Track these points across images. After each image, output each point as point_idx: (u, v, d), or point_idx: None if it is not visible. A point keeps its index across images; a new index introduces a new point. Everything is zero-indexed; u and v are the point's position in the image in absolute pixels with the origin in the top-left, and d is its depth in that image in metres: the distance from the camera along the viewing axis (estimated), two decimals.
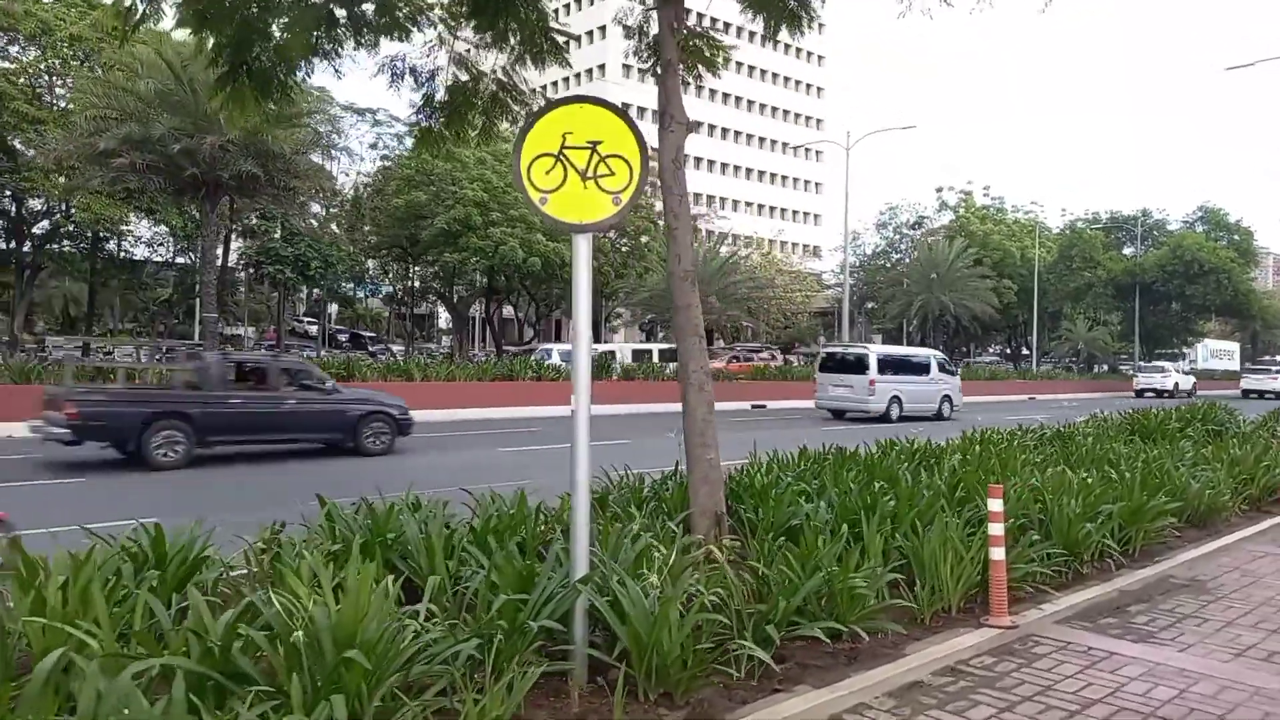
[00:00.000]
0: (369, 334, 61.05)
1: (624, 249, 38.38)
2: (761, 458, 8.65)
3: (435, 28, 8.91)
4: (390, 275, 40.77)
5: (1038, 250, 54.50)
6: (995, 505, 5.36)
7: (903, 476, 7.89)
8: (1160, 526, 7.62)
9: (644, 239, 37.40)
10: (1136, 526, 7.34)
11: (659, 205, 43.21)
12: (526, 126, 4.22)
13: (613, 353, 30.42)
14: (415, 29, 8.46)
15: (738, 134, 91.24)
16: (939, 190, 70.33)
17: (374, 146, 36.85)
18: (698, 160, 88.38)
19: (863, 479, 7.70)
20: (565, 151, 4.16)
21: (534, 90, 9.92)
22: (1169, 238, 55.83)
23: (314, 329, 75.82)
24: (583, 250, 4.24)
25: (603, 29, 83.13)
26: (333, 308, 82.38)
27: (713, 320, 30.59)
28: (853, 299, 69.27)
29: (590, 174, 4.18)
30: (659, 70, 7.41)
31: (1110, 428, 15.13)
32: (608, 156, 4.17)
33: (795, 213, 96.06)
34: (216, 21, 7.45)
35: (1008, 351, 72.67)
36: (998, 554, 5.31)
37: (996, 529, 5.33)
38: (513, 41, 8.61)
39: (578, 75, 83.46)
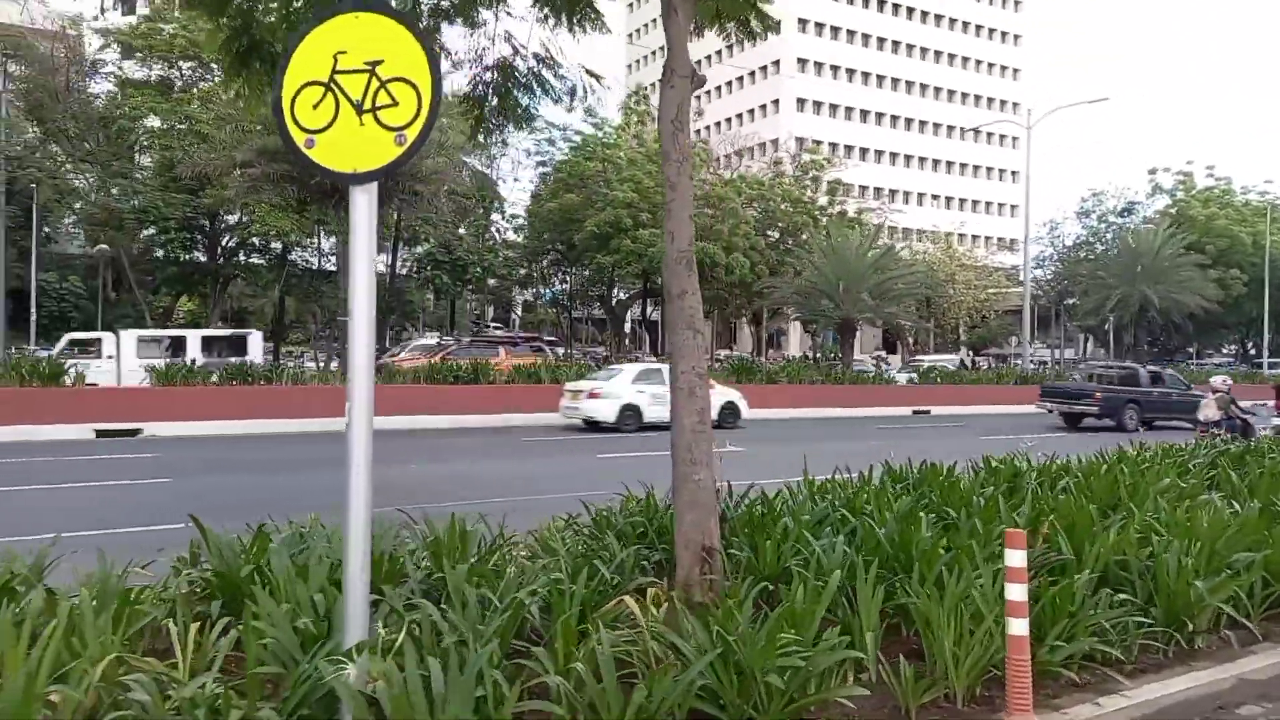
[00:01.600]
0: (550, 339, 62.77)
1: (781, 246, 36.74)
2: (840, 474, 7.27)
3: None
4: (553, 279, 41.31)
5: (1269, 235, 47.34)
6: (1015, 558, 3.83)
7: (975, 505, 6.31)
8: None
9: (804, 235, 35.58)
10: None
11: (822, 199, 41.25)
12: (291, 46, 3.26)
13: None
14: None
15: (922, 123, 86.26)
16: (1152, 172, 62.75)
17: (529, 153, 37.47)
18: (878, 154, 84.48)
19: (910, 506, 6.17)
20: (337, 77, 3.17)
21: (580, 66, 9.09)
22: None
23: (499, 333, 79.28)
24: (362, 208, 3.21)
25: None
26: (517, 312, 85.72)
27: (867, 319, 28.43)
28: (1051, 295, 63.56)
29: (368, 105, 3.16)
30: (664, 12, 6.32)
31: None
32: (389, 81, 3.13)
33: (987, 204, 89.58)
34: (215, 3, 7.11)
35: (1242, 352, 63.96)
36: (1018, 628, 3.77)
37: (1016, 592, 3.79)
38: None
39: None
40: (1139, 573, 5.15)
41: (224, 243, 33.25)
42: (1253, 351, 60.89)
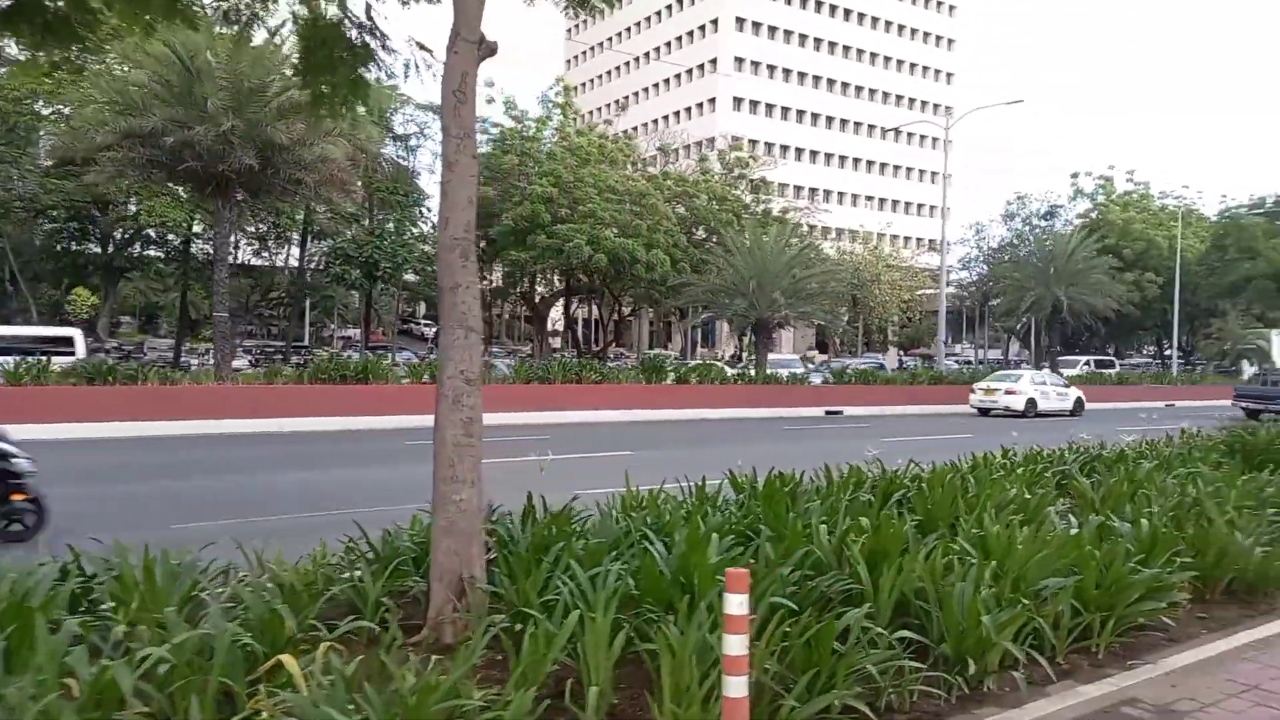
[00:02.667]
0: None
1: (707, 245, 36.22)
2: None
3: None
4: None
5: (1179, 240, 48.61)
6: (734, 604, 3.24)
7: (792, 523, 5.79)
8: (1153, 609, 5.16)
9: (729, 233, 35.17)
10: (1104, 614, 4.95)
11: (747, 197, 41.00)
12: None
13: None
14: None
15: (857, 124, 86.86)
16: (1074, 176, 64.20)
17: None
18: (813, 154, 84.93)
19: (720, 525, 5.62)
20: None
21: (411, 39, 8.30)
22: None
23: (430, 330, 77.64)
24: None
25: None
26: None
27: (782, 317, 28.15)
28: (976, 296, 64.54)
29: None
30: None
31: (1204, 447, 12.12)
32: None
33: (919, 206, 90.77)
34: None
35: (1158, 352, 65.81)
36: (735, 688, 3.20)
37: (734, 645, 3.21)
38: None
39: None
40: (940, 604, 4.67)
41: (117, 235, 31.57)
42: (1168, 352, 62.66)
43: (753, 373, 27.38)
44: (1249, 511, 7.18)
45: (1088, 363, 43.57)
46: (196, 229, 31.69)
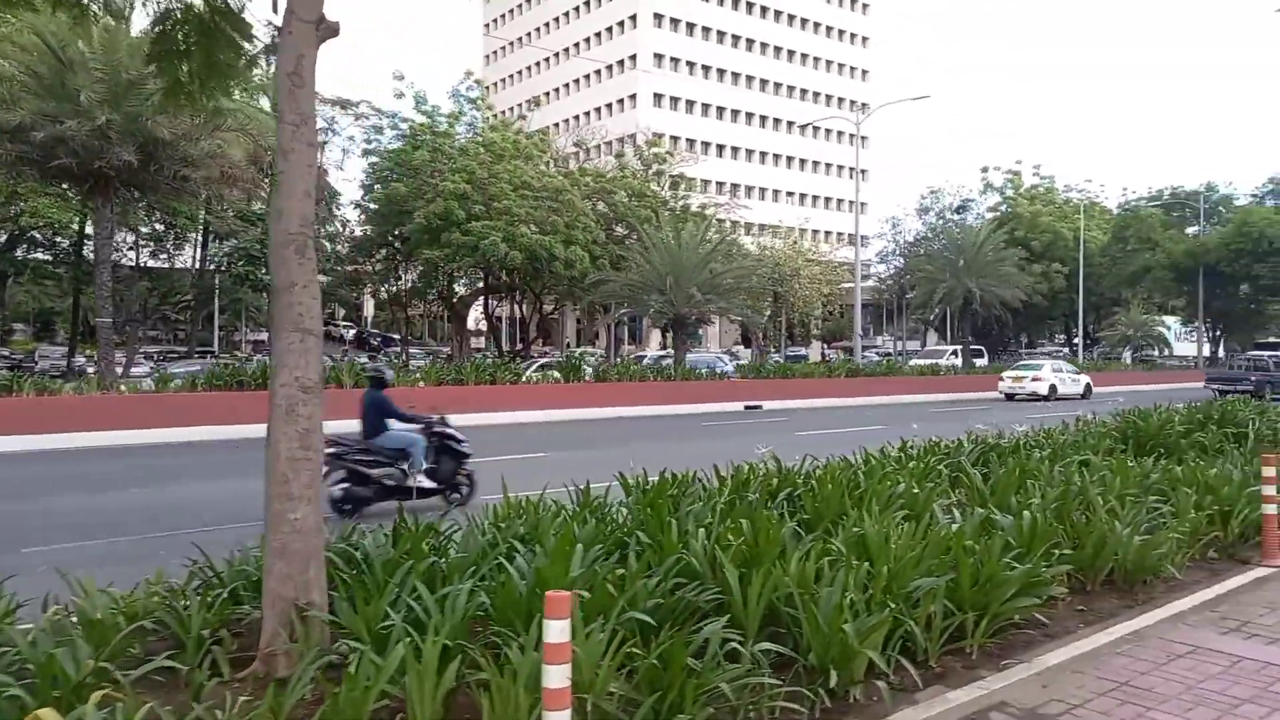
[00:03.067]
0: (396, 336, 60.09)
1: (627, 241, 35.89)
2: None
3: None
4: (390, 276, 39.18)
5: (1083, 231, 50.40)
6: (554, 630, 2.93)
7: (671, 530, 5.52)
8: (1027, 606, 5.06)
9: (648, 228, 34.91)
10: (978, 613, 4.81)
11: (665, 193, 40.89)
12: None
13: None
14: None
15: (776, 121, 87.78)
16: (984, 170, 66.03)
17: (351, 139, 35.33)
18: (734, 150, 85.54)
19: (593, 535, 5.33)
20: None
21: (269, 23, 7.73)
22: (1236, 213, 50.97)
23: (351, 332, 75.62)
24: None
25: None
26: (369, 310, 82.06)
27: (700, 313, 28.08)
28: (894, 289, 65.89)
29: None
30: None
31: (1098, 434, 12.34)
32: None
33: (838, 201, 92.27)
34: None
35: (1067, 341, 68.12)
36: None
37: (554, 677, 2.91)
38: None
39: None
40: (806, 611, 4.46)
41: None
42: (1077, 341, 64.84)
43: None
44: (1132, 500, 7.22)
45: (954, 353, 45.13)
46: (90, 230, 30.03)
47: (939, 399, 33.24)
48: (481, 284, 39.60)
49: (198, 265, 30.87)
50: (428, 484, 9.35)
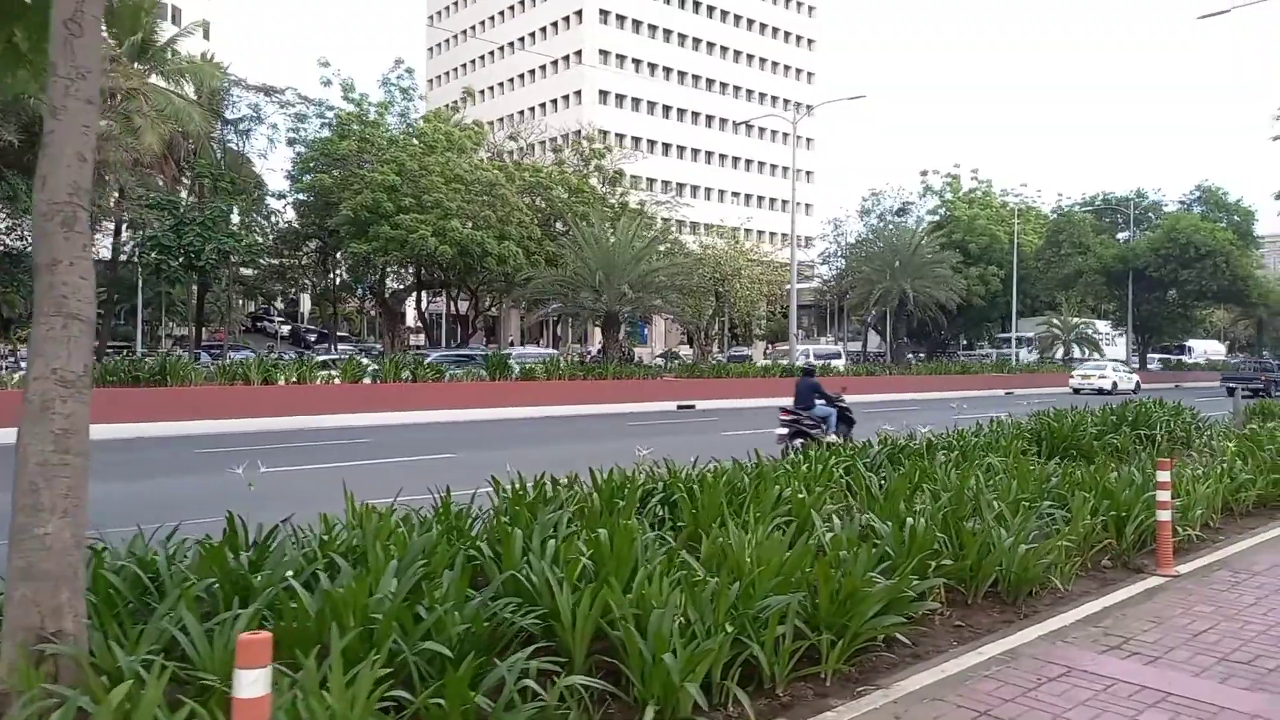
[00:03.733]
0: (325, 332, 58.64)
1: (563, 237, 35.18)
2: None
3: None
4: (320, 269, 37.97)
5: (1017, 235, 51.16)
6: (246, 683, 2.39)
7: (517, 543, 4.99)
8: (892, 624, 4.64)
9: (581, 223, 34.31)
10: (834, 633, 4.37)
11: (603, 189, 40.35)
12: None
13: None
14: None
15: (722, 121, 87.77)
16: (923, 174, 66.76)
17: (275, 128, 34.10)
18: (680, 150, 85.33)
19: (430, 545, 4.77)
20: None
21: None
22: (1164, 219, 52.26)
23: (286, 328, 73.60)
24: None
25: None
26: (305, 305, 79.95)
27: (630, 311, 27.60)
28: (835, 290, 66.27)
29: None
30: None
31: (1010, 436, 12.11)
32: None
33: (783, 201, 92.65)
34: None
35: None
36: None
37: None
38: None
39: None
40: (639, 636, 3.96)
41: None
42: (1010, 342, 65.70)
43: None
44: (1027, 505, 6.89)
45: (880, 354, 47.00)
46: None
47: (874, 399, 33.28)
48: (414, 279, 38.63)
49: (110, 257, 29.48)
50: (835, 439, 12.10)
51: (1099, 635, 5.07)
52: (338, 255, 35.00)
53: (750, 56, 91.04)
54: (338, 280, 37.51)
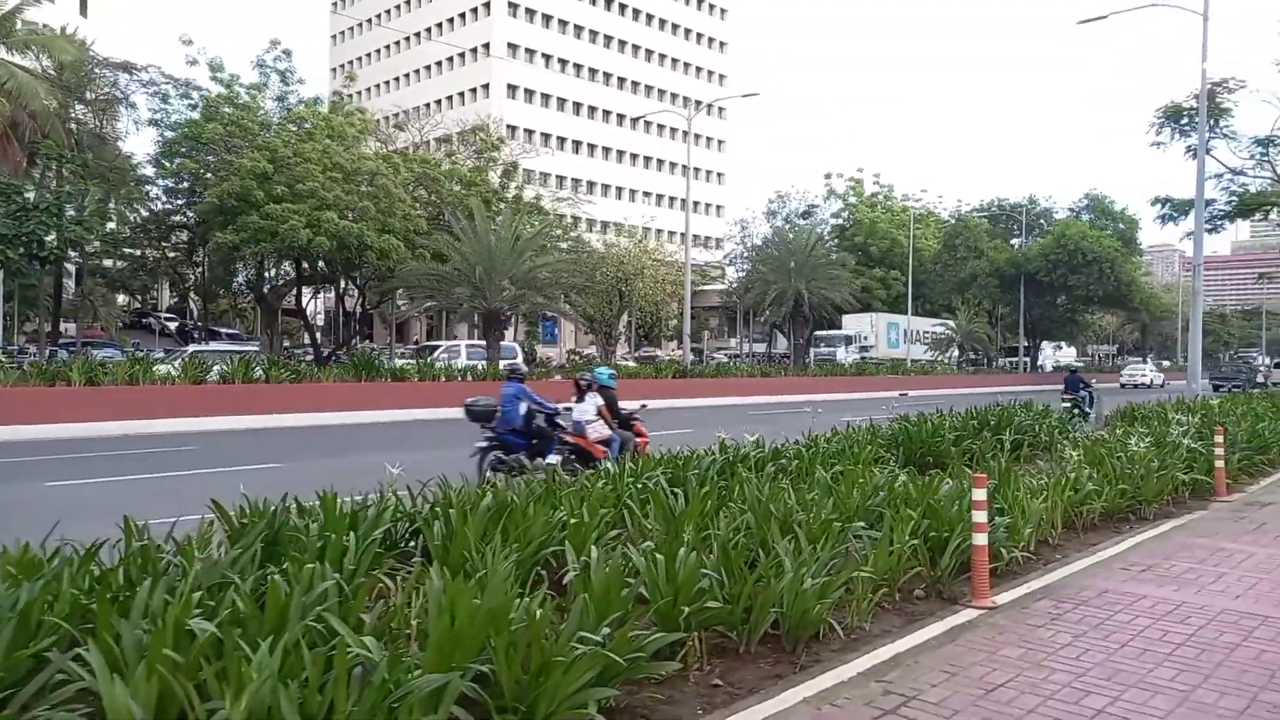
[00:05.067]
0: (226, 331, 55.65)
1: (448, 228, 33.34)
2: None
3: None
4: (177, 261, 35.44)
5: (911, 237, 51.85)
6: None
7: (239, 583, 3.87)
8: (601, 695, 3.68)
9: (459, 215, 32.62)
10: (522, 715, 3.39)
11: (496, 182, 38.94)
12: None
13: None
14: None
15: (634, 120, 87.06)
16: (827, 177, 67.29)
17: (131, 106, 31.58)
18: (591, 147, 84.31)
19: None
20: None
21: None
22: (1055, 226, 53.72)
23: (174, 325, 69.59)
24: None
25: None
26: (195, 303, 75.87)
27: (511, 309, 26.35)
28: (741, 292, 66.22)
29: None
30: None
31: (862, 442, 11.41)
32: None
33: (695, 203, 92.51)
34: None
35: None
36: None
37: None
38: None
39: None
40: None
41: None
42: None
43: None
44: (838, 527, 6.06)
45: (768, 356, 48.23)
46: None
47: (773, 401, 32.88)
48: (294, 274, 36.57)
49: None
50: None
51: (876, 695, 4.22)
52: (204, 247, 32.68)
53: (663, 56, 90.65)
54: (205, 274, 35.10)
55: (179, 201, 31.92)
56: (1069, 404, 18.60)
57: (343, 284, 41.15)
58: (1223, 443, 10.34)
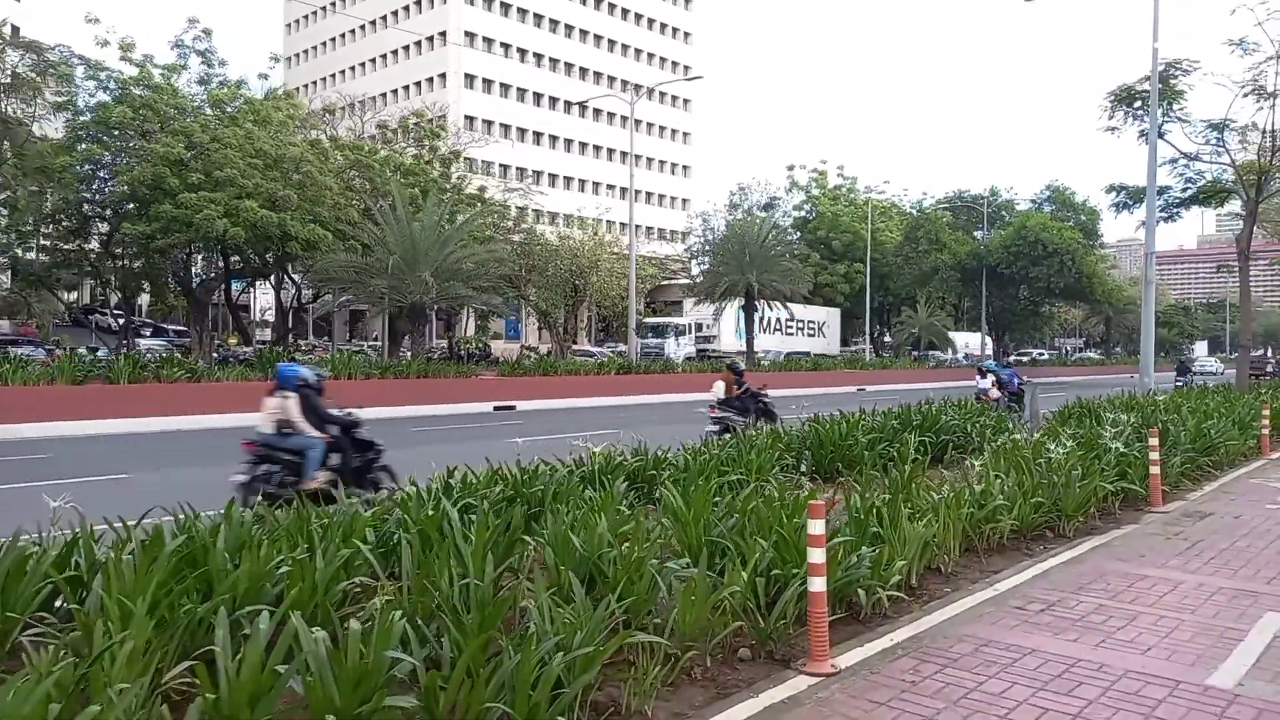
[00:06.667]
0: (177, 328, 53.74)
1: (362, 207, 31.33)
2: None
3: None
4: (93, 254, 33.51)
5: (870, 229, 50.86)
6: None
7: None
8: None
9: (383, 203, 30.78)
10: None
11: (435, 172, 37.30)
12: None
13: None
14: None
15: (596, 112, 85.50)
16: (789, 169, 66.25)
17: (61, 94, 29.56)
18: (552, 139, 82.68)
19: None
20: None
21: None
22: (1015, 218, 52.96)
23: (119, 322, 67.16)
24: None
25: None
26: (144, 299, 73.43)
27: (428, 301, 24.79)
28: (704, 287, 64.94)
29: None
30: None
31: (764, 447, 10.17)
32: None
33: (660, 196, 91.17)
34: None
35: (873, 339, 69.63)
36: None
37: None
38: None
39: None
40: None
41: None
42: (887, 340, 65.67)
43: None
44: (655, 566, 4.77)
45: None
46: None
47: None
48: (223, 267, 34.83)
49: None
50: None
51: None
52: (123, 239, 30.82)
53: (625, 47, 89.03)
54: (123, 267, 33.19)
55: (88, 190, 30.04)
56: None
57: (280, 278, 39.47)
58: (1158, 445, 9.17)
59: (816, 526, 4.47)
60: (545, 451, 8.48)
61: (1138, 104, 22.86)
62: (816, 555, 4.47)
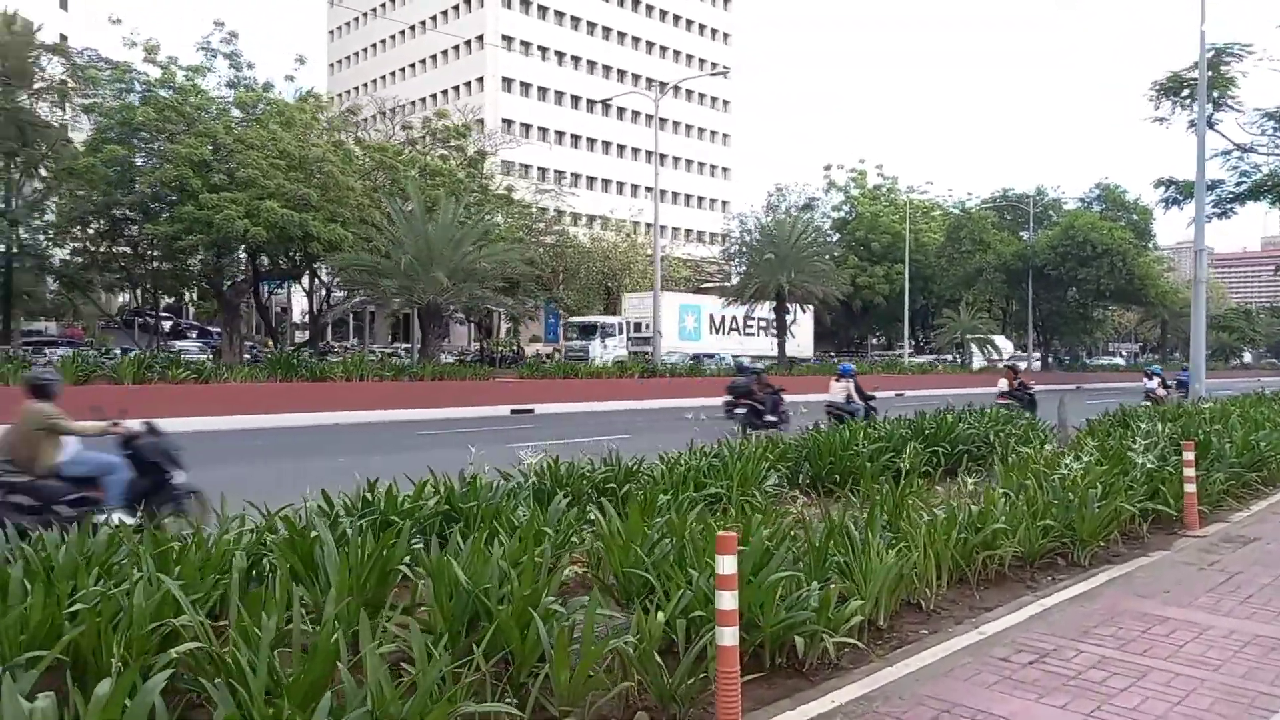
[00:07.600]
0: (217, 329, 54.35)
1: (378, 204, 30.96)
2: None
3: None
4: (124, 256, 33.72)
5: (908, 230, 49.35)
6: None
7: None
8: None
9: (396, 201, 30.33)
10: None
11: (461, 173, 36.91)
12: None
13: None
14: None
15: (635, 114, 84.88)
16: (827, 169, 64.84)
17: (61, 95, 29.73)
18: (590, 141, 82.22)
19: None
20: None
21: None
22: (1063, 217, 50.98)
23: (169, 324, 68.25)
24: None
25: None
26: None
27: (443, 302, 24.24)
28: (737, 289, 63.86)
29: None
30: None
31: (755, 457, 9.30)
32: None
33: (699, 199, 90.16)
34: None
35: (915, 342, 67.89)
36: None
37: None
38: None
39: None
40: None
41: None
42: (925, 343, 64.00)
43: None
44: (552, 606, 3.97)
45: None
46: None
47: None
48: (250, 269, 34.81)
49: None
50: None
51: None
52: (150, 239, 30.92)
53: (664, 49, 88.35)
54: (152, 268, 33.36)
55: (119, 193, 30.20)
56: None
57: (311, 281, 39.50)
58: (1193, 461, 8.09)
59: (726, 564, 3.63)
60: (545, 455, 7.76)
61: (1185, 93, 21.42)
62: (727, 600, 3.62)
